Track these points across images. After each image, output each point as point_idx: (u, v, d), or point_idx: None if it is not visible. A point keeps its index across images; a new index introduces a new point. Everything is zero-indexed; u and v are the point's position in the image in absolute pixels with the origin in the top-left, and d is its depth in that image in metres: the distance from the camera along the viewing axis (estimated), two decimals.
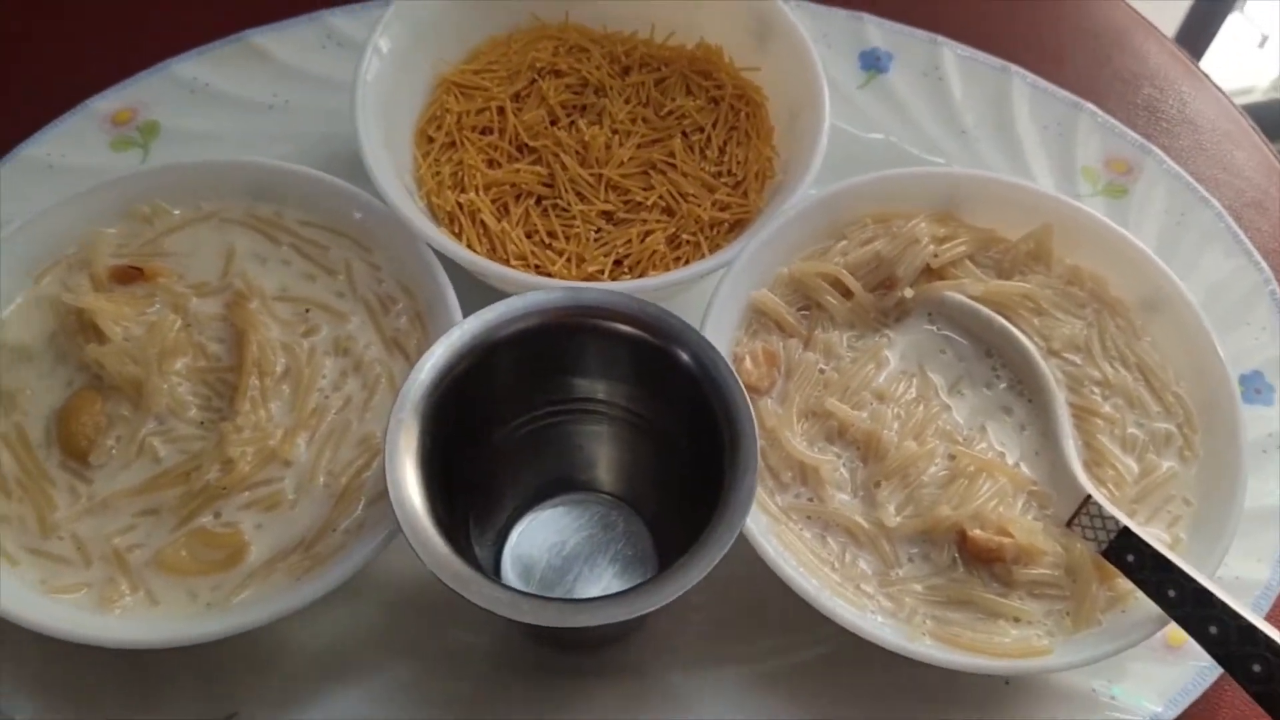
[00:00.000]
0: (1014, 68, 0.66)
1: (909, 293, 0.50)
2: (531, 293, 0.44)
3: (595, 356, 0.45)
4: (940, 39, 0.67)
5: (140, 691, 0.46)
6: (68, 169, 0.60)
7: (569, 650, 0.50)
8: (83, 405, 0.46)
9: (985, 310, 0.50)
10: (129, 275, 0.49)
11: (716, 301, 0.49)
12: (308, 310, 0.50)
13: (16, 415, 0.47)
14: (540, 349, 0.45)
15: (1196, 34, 1.55)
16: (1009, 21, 0.71)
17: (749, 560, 0.44)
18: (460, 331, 0.43)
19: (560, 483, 0.52)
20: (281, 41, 0.64)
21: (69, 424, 0.46)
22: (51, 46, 0.65)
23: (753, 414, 0.40)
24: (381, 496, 0.46)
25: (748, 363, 0.49)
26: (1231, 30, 1.52)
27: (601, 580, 0.50)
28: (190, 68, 0.63)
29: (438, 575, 0.38)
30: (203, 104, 0.62)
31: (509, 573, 0.49)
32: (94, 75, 0.62)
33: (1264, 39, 1.56)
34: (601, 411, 0.48)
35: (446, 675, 0.47)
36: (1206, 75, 0.72)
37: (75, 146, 0.60)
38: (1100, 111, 0.65)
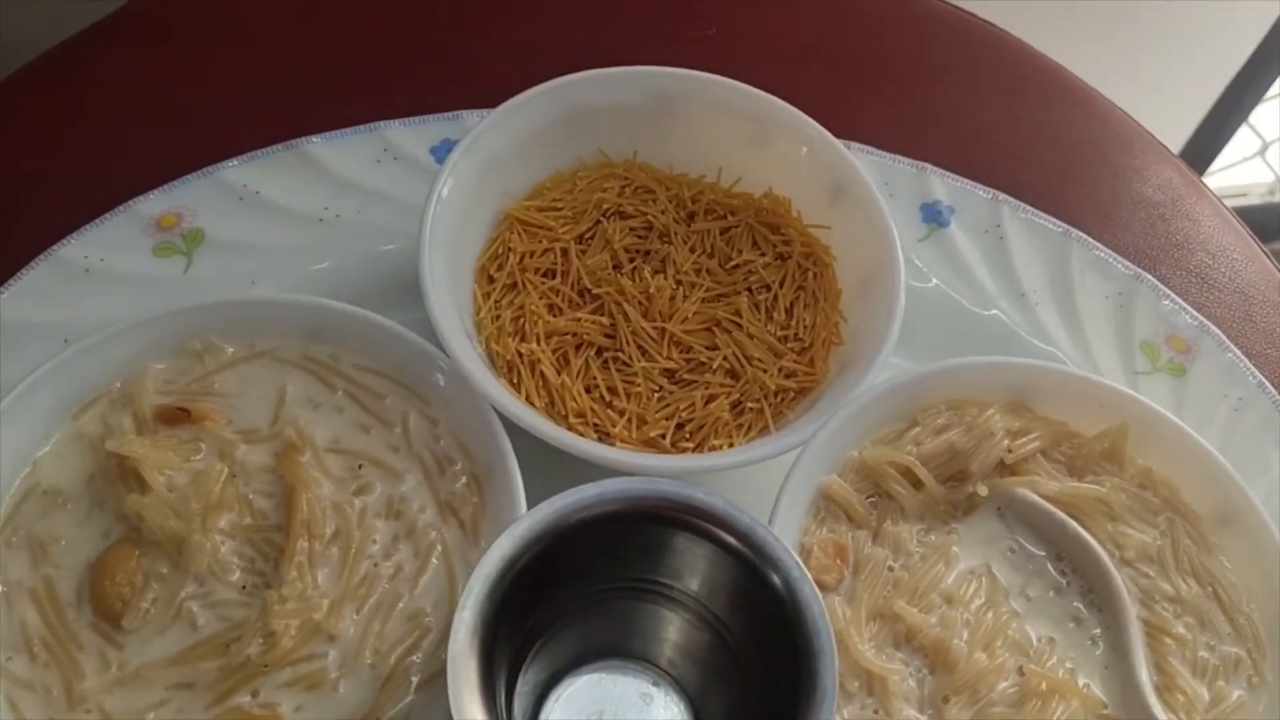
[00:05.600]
0: (1075, 232, 0.65)
1: (983, 490, 0.49)
2: (613, 482, 0.42)
3: (671, 548, 0.44)
4: (1001, 196, 0.66)
5: None
6: (105, 274, 0.57)
7: None
8: (119, 561, 0.44)
9: (1059, 513, 0.48)
10: (175, 417, 0.47)
11: (789, 487, 0.47)
12: (360, 466, 0.47)
13: (47, 567, 0.44)
14: (612, 536, 0.43)
15: (1206, 144, 1.58)
16: (1066, 180, 0.71)
17: None
18: (531, 521, 0.41)
19: (605, 649, 0.50)
20: (336, 152, 0.62)
21: (104, 582, 0.43)
22: (95, 143, 0.63)
23: (835, 656, 0.38)
24: (431, 680, 0.44)
25: (816, 553, 0.47)
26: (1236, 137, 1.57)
27: None
28: (240, 173, 0.61)
29: None
30: (250, 212, 0.60)
31: None
32: (138, 176, 0.60)
33: (1265, 146, 1.61)
34: (663, 594, 0.47)
35: None
36: (1255, 238, 0.72)
37: (116, 250, 0.58)
38: (1161, 285, 0.64)
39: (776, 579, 0.40)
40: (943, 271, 0.64)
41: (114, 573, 0.43)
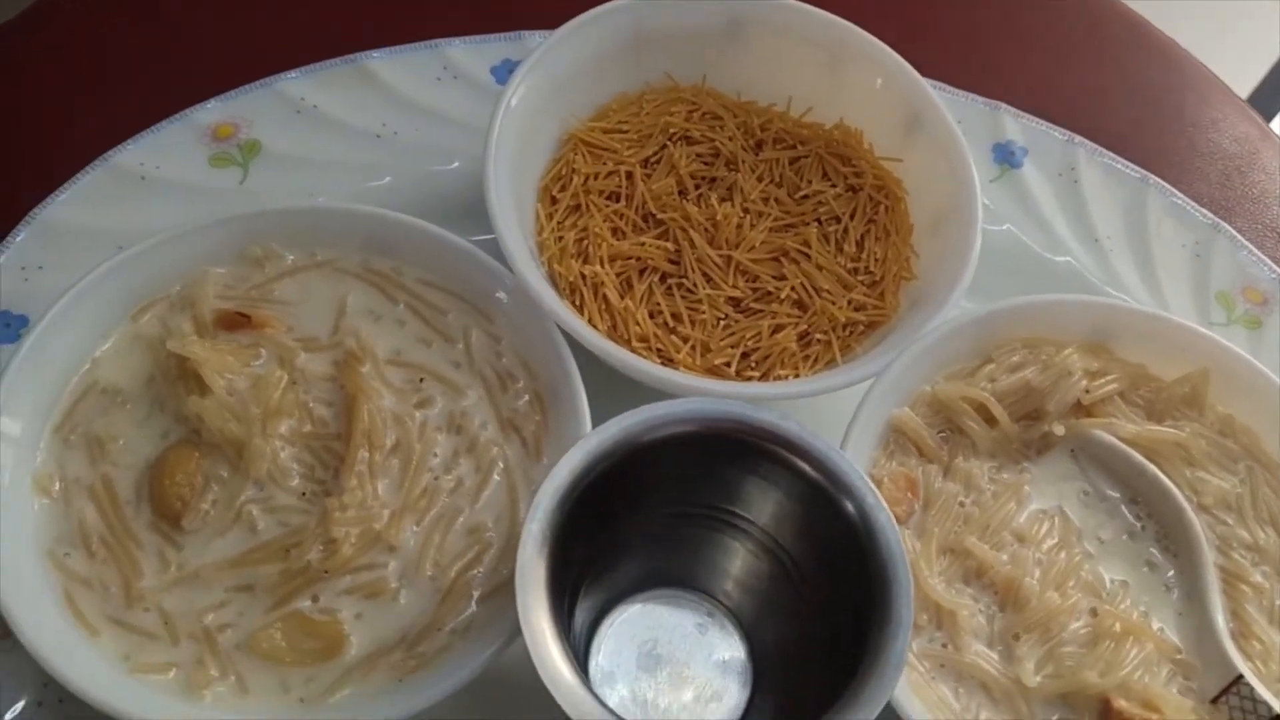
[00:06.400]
0: (1152, 178, 0.63)
1: (1059, 429, 0.47)
2: (684, 401, 0.41)
3: (740, 472, 0.42)
4: (1077, 139, 0.64)
5: None
6: (161, 181, 0.56)
7: None
8: (179, 462, 0.43)
9: (1137, 456, 0.47)
10: (235, 322, 0.46)
11: (861, 417, 0.46)
12: (422, 379, 0.46)
13: (105, 465, 0.43)
14: (680, 458, 0.42)
15: (1268, 102, 1.53)
16: (1140, 128, 0.69)
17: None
18: (600, 437, 0.40)
19: (663, 577, 0.49)
20: (396, 68, 0.61)
21: (163, 482, 0.43)
22: (155, 53, 0.62)
23: (911, 585, 0.37)
24: (493, 594, 0.43)
25: (886, 485, 0.46)
26: None
27: (690, 686, 0.47)
28: (299, 86, 0.59)
29: None
30: (307, 125, 0.59)
31: (599, 660, 0.47)
32: (197, 85, 0.58)
33: None
34: (727, 521, 0.46)
35: None
36: None
37: (171, 158, 0.57)
38: (1239, 236, 0.62)
39: (850, 506, 0.39)
40: (1014, 214, 0.62)
41: (174, 473, 0.43)
